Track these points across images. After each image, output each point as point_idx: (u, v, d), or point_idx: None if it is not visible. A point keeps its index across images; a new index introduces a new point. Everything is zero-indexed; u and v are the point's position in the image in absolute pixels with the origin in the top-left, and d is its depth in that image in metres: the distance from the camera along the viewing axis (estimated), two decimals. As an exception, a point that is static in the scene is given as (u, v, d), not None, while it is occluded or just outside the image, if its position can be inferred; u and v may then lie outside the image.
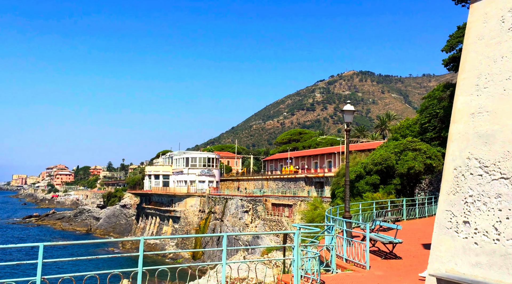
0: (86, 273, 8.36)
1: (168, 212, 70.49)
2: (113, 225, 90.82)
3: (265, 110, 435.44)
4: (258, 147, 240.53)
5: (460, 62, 7.56)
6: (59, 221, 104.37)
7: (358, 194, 24.80)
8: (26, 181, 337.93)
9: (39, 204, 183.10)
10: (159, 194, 76.73)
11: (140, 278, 8.32)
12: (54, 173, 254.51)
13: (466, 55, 7.36)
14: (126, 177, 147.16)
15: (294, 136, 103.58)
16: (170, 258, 58.52)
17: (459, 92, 7.31)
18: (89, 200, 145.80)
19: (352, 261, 11.98)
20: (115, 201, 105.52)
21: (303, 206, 46.42)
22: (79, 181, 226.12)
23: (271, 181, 67.28)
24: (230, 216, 58.23)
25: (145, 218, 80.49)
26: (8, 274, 44.53)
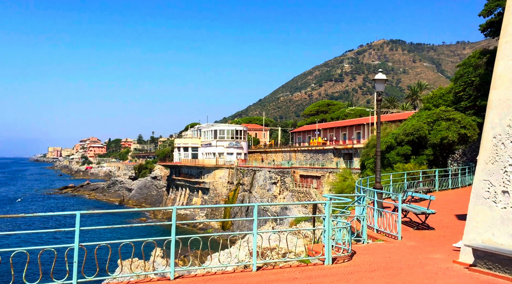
0: (122, 241, 8.59)
1: (198, 183, 71.71)
2: (144, 196, 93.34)
3: (293, 82, 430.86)
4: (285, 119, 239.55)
5: (501, 26, 7.12)
6: (94, 192, 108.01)
7: (388, 165, 24.42)
8: (61, 153, 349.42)
9: (74, 175, 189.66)
10: (188, 166, 77.94)
11: (173, 246, 8.49)
12: (87, 146, 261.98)
13: (509, 18, 6.91)
14: (156, 149, 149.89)
15: (322, 108, 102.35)
16: (200, 228, 59.92)
17: (500, 57, 6.91)
18: (121, 171, 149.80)
19: (383, 231, 11.88)
20: (146, 172, 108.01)
21: (332, 178, 46.25)
22: (111, 153, 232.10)
23: (299, 153, 67.14)
24: (258, 187, 58.74)
25: (175, 189, 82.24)
26: (48, 241, 46.68)
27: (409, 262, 9.33)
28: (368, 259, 9.55)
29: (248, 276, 8.53)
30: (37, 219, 61.98)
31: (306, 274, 8.51)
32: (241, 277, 8.42)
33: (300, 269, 8.94)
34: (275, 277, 8.34)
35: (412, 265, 9.10)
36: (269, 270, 8.99)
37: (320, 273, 8.59)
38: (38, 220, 61.69)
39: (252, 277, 8.43)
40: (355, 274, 8.39)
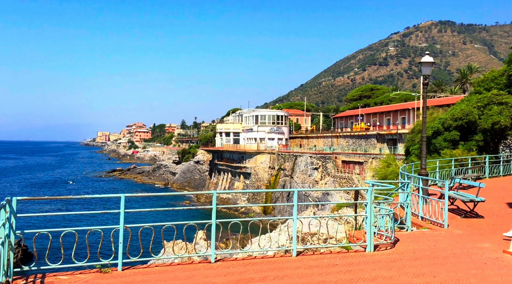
0: (165, 223, 8.79)
1: (239, 168, 72.41)
2: (188, 180, 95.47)
3: (335, 66, 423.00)
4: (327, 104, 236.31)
5: None
6: (140, 175, 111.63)
7: (435, 151, 23.56)
8: (109, 137, 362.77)
9: (121, 159, 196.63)
10: (230, 151, 78.76)
11: (214, 230, 8.60)
12: (133, 130, 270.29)
13: None
14: (199, 134, 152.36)
15: (366, 92, 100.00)
16: (241, 212, 60.68)
17: None
18: (165, 156, 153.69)
19: (428, 219, 11.51)
20: (189, 157, 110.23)
21: (375, 163, 45.33)
22: (155, 138, 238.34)
23: (341, 138, 66.17)
24: (299, 172, 58.55)
25: (217, 174, 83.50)
26: (95, 222, 48.83)
27: (456, 251, 8.99)
28: (412, 247, 9.29)
29: (288, 261, 8.52)
30: (85, 200, 64.93)
31: (347, 261, 8.39)
32: (281, 262, 8.43)
33: (341, 256, 8.83)
34: (315, 263, 8.28)
35: (458, 254, 8.77)
36: (309, 256, 8.94)
37: (361, 260, 8.44)
38: (86, 202, 64.62)
39: (292, 262, 8.42)
40: (398, 262, 8.18)
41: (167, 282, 7.19)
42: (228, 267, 8.10)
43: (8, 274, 7.19)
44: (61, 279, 7.43)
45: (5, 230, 6.93)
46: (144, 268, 8.30)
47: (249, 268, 8.01)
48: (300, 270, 7.80)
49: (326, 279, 7.24)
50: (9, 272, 7.20)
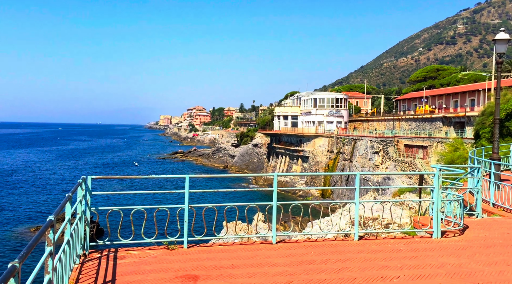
0: (227, 204, 9.01)
1: (297, 151, 72.24)
2: (246, 162, 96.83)
3: (398, 46, 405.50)
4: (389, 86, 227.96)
5: None
6: (200, 158, 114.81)
7: (508, 134, 22.07)
8: (171, 121, 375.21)
9: (182, 141, 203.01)
10: (288, 134, 78.66)
11: (275, 212, 8.69)
12: (193, 114, 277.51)
13: None
14: (257, 117, 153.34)
15: (431, 73, 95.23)
16: (300, 196, 60.73)
17: None
18: (224, 139, 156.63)
19: (500, 206, 10.87)
20: (248, 140, 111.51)
21: (440, 148, 43.35)
22: (215, 121, 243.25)
23: (403, 121, 63.80)
24: (359, 156, 57.38)
25: (275, 157, 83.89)
26: (161, 202, 51.02)
27: (532, 240, 8.44)
28: (482, 235, 8.84)
29: (350, 244, 8.43)
30: (151, 180, 67.97)
31: (412, 247, 8.16)
32: (342, 245, 8.37)
33: (405, 241, 8.60)
34: (378, 248, 8.13)
35: (535, 244, 8.23)
36: (371, 240, 8.79)
37: (427, 246, 8.17)
38: (152, 182, 67.63)
39: (354, 246, 8.33)
40: (468, 250, 7.83)
41: (231, 261, 7.39)
42: (289, 249, 8.17)
43: (85, 247, 7.73)
44: (132, 253, 7.87)
45: (82, 207, 7.43)
46: (208, 246, 8.58)
47: (310, 250, 8.03)
48: (363, 254, 7.70)
49: (390, 264, 7.10)
50: (86, 246, 7.74)
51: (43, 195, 56.29)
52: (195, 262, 7.32)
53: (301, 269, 6.91)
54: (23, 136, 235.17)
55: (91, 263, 7.30)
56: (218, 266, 7.11)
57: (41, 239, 4.04)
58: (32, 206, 48.42)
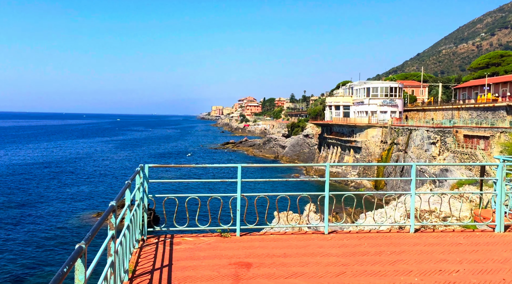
0: (278, 194, 9.05)
1: (349, 142, 70.97)
2: (297, 153, 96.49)
3: (457, 32, 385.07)
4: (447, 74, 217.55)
5: None
6: (251, 148, 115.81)
7: None
8: (222, 111, 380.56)
9: (233, 132, 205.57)
10: (339, 124, 77.40)
11: (327, 202, 8.61)
12: (244, 104, 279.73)
13: None
14: (308, 108, 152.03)
15: (494, 60, 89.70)
16: (352, 187, 59.77)
17: None
18: (275, 129, 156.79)
19: None
20: (298, 130, 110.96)
21: (504, 138, 40.97)
22: (265, 112, 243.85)
23: (463, 111, 60.77)
24: (414, 147, 55.43)
25: (326, 148, 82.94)
26: (214, 190, 52.12)
27: None
28: (550, 231, 8.30)
29: (405, 237, 8.21)
30: (204, 169, 69.55)
31: (472, 241, 7.81)
32: (397, 238, 8.16)
33: (465, 235, 8.24)
34: (436, 241, 7.86)
35: None
36: (428, 233, 8.51)
37: (489, 240, 7.79)
38: (205, 171, 69.19)
39: (410, 238, 8.10)
40: (534, 246, 7.38)
41: (283, 250, 7.44)
42: (342, 239, 8.09)
43: (143, 232, 8.08)
44: (187, 240, 8.12)
45: (140, 194, 7.75)
46: (260, 235, 8.68)
47: (363, 241, 7.90)
48: (419, 247, 7.47)
49: (449, 257, 6.84)
50: (144, 231, 8.08)
51: (104, 182, 59.26)
52: (247, 250, 7.43)
53: (354, 260, 6.83)
54: (85, 127, 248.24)
55: (149, 248, 7.61)
56: (270, 254, 7.18)
57: (103, 223, 4.26)
58: (94, 193, 51.13)
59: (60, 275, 2.78)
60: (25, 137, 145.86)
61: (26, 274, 26.18)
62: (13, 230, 35.17)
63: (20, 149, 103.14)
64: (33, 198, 47.14)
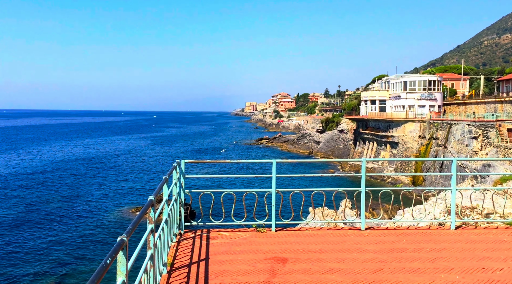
0: (313, 189, 9.01)
1: (385, 137, 69.57)
2: (332, 148, 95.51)
3: (501, 22, 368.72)
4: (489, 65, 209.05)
5: None
6: (285, 144, 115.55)
7: None
8: (256, 107, 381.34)
9: (267, 128, 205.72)
10: (375, 119, 75.96)
11: (363, 198, 8.49)
12: (278, 100, 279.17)
13: None
14: (342, 103, 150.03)
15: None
16: (388, 183, 58.62)
17: None
18: (309, 125, 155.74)
19: None
20: (333, 126, 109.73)
21: (551, 132, 39.01)
22: (299, 107, 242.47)
23: (506, 104, 58.28)
24: (454, 142, 53.69)
25: (362, 143, 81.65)
26: (249, 186, 52.35)
27: None
28: None
29: (446, 234, 7.99)
30: (238, 165, 70.04)
31: (518, 239, 7.51)
32: (437, 234, 7.95)
33: (509, 232, 7.93)
34: (478, 238, 7.60)
35: None
36: (470, 230, 8.24)
37: (536, 239, 7.47)
38: (240, 166, 69.66)
39: (450, 235, 7.87)
40: None
41: (319, 245, 7.40)
42: (379, 236, 7.96)
43: (180, 227, 8.24)
44: (223, 234, 8.22)
45: (177, 189, 7.89)
46: (296, 230, 8.67)
47: (401, 238, 7.75)
48: (460, 244, 7.25)
49: (492, 255, 6.60)
50: (181, 226, 8.24)
51: (142, 177, 60.76)
52: (283, 245, 7.44)
53: (392, 256, 6.70)
54: (123, 124, 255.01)
55: (186, 242, 7.76)
56: (306, 250, 7.16)
57: (143, 217, 4.38)
58: (132, 188, 52.52)
59: (103, 267, 2.88)
60: (68, 134, 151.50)
61: (69, 265, 27.25)
62: (56, 224, 36.67)
63: (64, 146, 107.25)
64: (75, 193, 48.95)
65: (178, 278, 5.96)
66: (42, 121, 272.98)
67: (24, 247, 30.59)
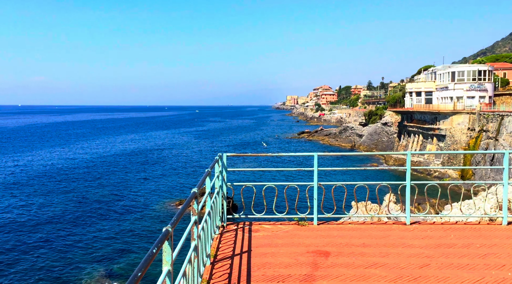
0: (356, 183, 8.87)
1: (432, 130, 67.29)
2: (375, 142, 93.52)
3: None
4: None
5: None
6: (326, 137, 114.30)
7: None
8: (297, 101, 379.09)
9: (308, 121, 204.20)
10: (421, 111, 73.61)
11: (408, 191, 8.28)
12: (319, 93, 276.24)
13: None
14: (386, 95, 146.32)
15: None
16: (435, 177, 56.77)
17: None
18: (351, 118, 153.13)
19: None
20: (376, 119, 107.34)
21: None
22: (341, 100, 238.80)
23: None
24: (507, 134, 51.14)
25: (407, 136, 79.42)
26: (289, 179, 52.27)
27: None
28: None
29: (496, 229, 7.66)
30: (279, 159, 70.05)
31: None
32: (487, 230, 7.64)
33: None
34: (532, 235, 7.23)
35: None
36: (524, 226, 7.85)
37: None
38: (281, 160, 69.68)
39: (502, 231, 7.54)
40: None
41: (362, 239, 7.29)
42: (425, 230, 7.74)
43: (223, 219, 8.36)
44: (265, 227, 8.27)
45: (219, 181, 8.01)
46: (338, 224, 8.58)
47: (449, 233, 7.50)
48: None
49: (548, 253, 6.27)
50: (224, 218, 8.36)
51: (184, 170, 62.05)
52: (325, 239, 7.39)
53: (439, 252, 6.50)
54: (167, 119, 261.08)
55: (228, 234, 7.86)
56: (349, 243, 7.08)
57: (186, 209, 4.48)
58: (175, 181, 53.77)
59: (149, 256, 2.98)
60: (116, 129, 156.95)
61: (117, 254, 28.35)
62: (105, 214, 38.20)
63: (112, 140, 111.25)
64: (123, 186, 50.72)
65: (221, 269, 6.06)
66: (91, 117, 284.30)
67: (77, 234, 32.12)
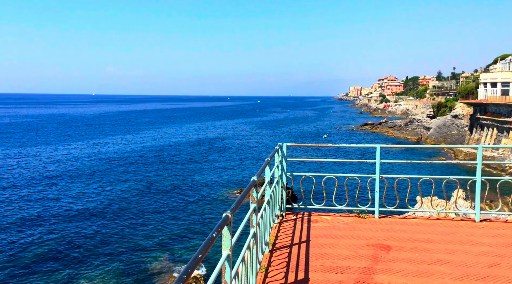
0: (421, 176, 8.54)
1: (508, 123, 62.82)
2: (443, 135, 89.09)
3: None
4: None
5: None
6: (391, 129, 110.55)
7: None
8: (361, 92, 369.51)
9: (372, 113, 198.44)
10: (496, 103, 68.88)
11: (479, 187, 7.84)
12: (384, 84, 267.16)
13: None
14: (457, 86, 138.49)
15: None
16: (510, 173, 53.06)
17: None
18: (418, 110, 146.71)
19: None
20: (446, 111, 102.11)
21: None
22: (408, 91, 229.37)
23: None
24: None
25: (479, 129, 74.79)
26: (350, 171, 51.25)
27: None
28: None
29: None
30: (341, 150, 68.88)
31: None
32: None
33: None
34: None
35: None
36: None
37: None
38: (342, 151, 68.50)
39: None
40: None
41: (426, 235, 7.02)
42: (496, 228, 7.29)
43: (282, 209, 8.40)
44: (324, 218, 8.21)
45: (278, 171, 8.04)
46: (401, 218, 8.31)
47: (524, 233, 7.01)
48: None
49: None
50: (283, 207, 8.40)
51: (245, 159, 62.94)
52: (387, 233, 7.20)
53: (511, 251, 6.11)
54: (229, 108, 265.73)
55: (287, 223, 7.90)
56: (412, 238, 6.84)
57: (246, 197, 4.55)
58: (236, 169, 54.73)
59: (210, 239, 3.08)
60: (181, 118, 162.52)
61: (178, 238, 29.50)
62: (168, 199, 39.81)
63: (177, 129, 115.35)
64: (185, 173, 52.51)
65: (280, 258, 6.11)
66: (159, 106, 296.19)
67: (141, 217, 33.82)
